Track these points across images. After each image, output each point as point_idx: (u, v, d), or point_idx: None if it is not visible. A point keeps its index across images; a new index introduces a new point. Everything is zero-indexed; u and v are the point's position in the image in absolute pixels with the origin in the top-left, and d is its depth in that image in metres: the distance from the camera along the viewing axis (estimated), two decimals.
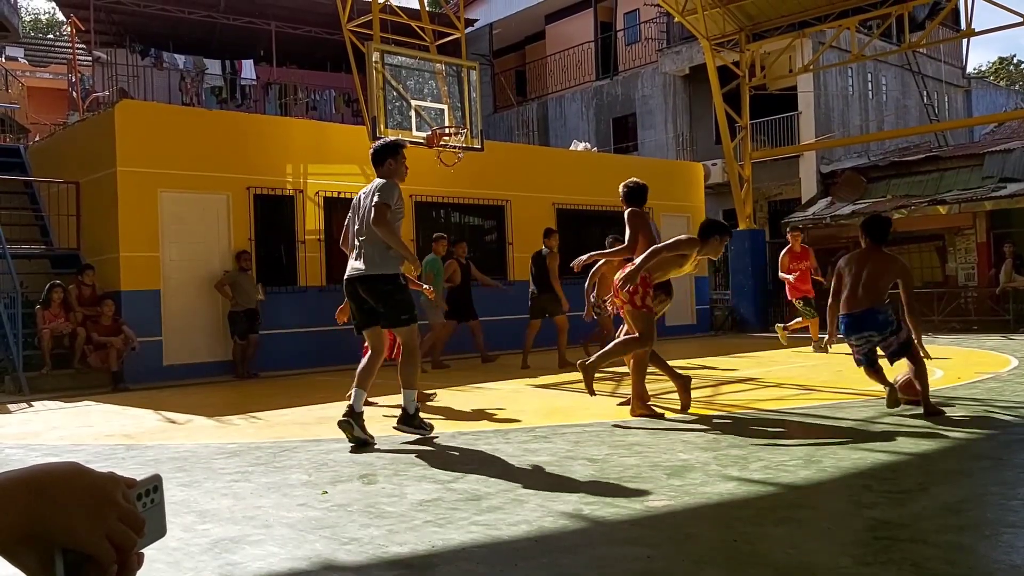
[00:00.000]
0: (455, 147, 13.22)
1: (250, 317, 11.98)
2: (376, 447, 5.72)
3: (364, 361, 6.17)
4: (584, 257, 7.44)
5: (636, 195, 7.30)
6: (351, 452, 5.57)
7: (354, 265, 6.13)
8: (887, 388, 6.51)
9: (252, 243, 12.72)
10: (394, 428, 6.06)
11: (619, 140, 26.11)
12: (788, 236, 12.81)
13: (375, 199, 5.98)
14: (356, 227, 6.19)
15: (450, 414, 7.42)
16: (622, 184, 7.37)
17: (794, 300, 12.56)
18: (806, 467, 4.62)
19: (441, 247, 11.93)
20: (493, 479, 4.59)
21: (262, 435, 6.62)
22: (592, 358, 6.81)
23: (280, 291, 13.00)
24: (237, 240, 12.58)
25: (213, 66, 21.96)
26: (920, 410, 6.32)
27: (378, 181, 6.20)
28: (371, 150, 6.44)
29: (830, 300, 6.71)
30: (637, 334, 6.75)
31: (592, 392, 6.76)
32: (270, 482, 4.76)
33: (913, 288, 6.68)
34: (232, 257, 12.30)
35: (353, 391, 5.99)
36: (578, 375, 6.91)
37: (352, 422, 5.76)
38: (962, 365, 9.94)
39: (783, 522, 3.63)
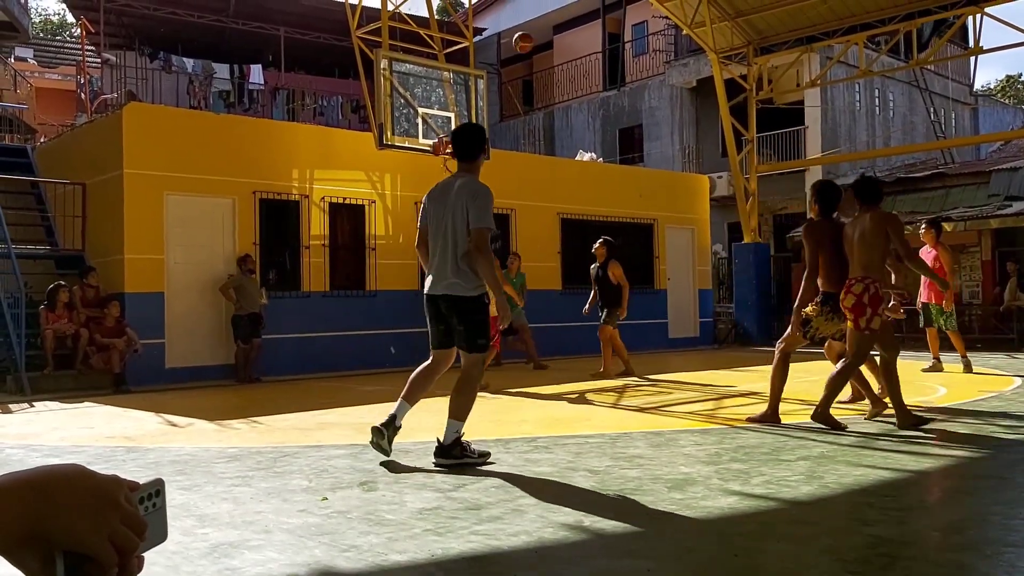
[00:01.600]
0: None
1: (253, 321, 11.99)
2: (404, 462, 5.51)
3: (418, 372, 5.52)
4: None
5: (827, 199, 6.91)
6: (383, 465, 5.31)
7: (437, 281, 5.41)
8: None
9: (257, 247, 12.73)
10: (433, 464, 5.28)
11: (625, 151, 26.13)
12: (920, 233, 11.20)
13: (473, 219, 5.22)
14: (441, 238, 5.37)
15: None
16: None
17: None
18: (808, 483, 4.60)
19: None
20: (493, 489, 4.58)
21: (263, 440, 6.61)
22: (819, 407, 6.56)
23: (284, 296, 13.01)
24: (242, 244, 12.60)
25: (221, 70, 22.03)
26: (929, 427, 6.34)
27: (471, 184, 5.36)
28: (457, 134, 5.56)
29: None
30: (853, 354, 6.54)
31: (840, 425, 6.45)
32: (270, 487, 4.75)
33: None
34: (236, 261, 12.30)
35: (398, 402, 5.46)
36: (570, 386, 6.86)
37: (385, 432, 5.33)
38: (965, 383, 9.90)
39: (784, 538, 3.62)
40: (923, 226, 11.23)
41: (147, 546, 0.80)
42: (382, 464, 5.34)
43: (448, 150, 13.10)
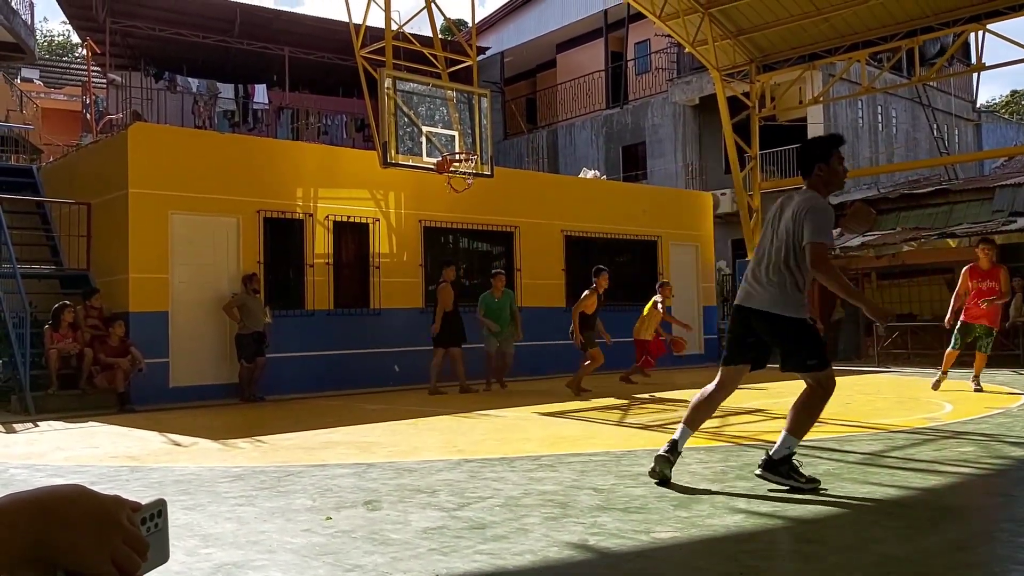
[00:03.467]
0: (465, 173, 13.26)
1: (257, 340, 11.98)
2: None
3: (702, 395, 5.21)
4: None
5: None
6: (657, 484, 5.03)
7: (750, 294, 5.00)
8: None
9: (261, 266, 12.75)
10: (756, 474, 4.92)
11: (628, 168, 26.19)
12: (977, 250, 10.66)
13: (808, 234, 4.74)
14: (765, 253, 4.96)
15: (456, 441, 7.39)
16: None
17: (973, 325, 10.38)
18: (814, 500, 4.58)
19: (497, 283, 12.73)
20: (498, 508, 4.56)
21: (267, 459, 6.60)
22: None
23: (288, 314, 13.01)
24: (246, 263, 12.62)
25: (226, 90, 22.15)
26: (936, 444, 6.29)
27: (809, 200, 4.87)
28: (802, 148, 5.19)
29: None
30: None
31: None
32: (274, 507, 4.74)
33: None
34: (240, 280, 12.30)
35: (680, 427, 5.14)
36: (580, 403, 6.80)
37: (671, 459, 5.03)
38: (972, 400, 9.86)
39: (791, 556, 3.59)
40: (980, 245, 10.70)
41: (149, 567, 0.80)
42: (659, 483, 5.03)
43: (451, 168, 13.13)
